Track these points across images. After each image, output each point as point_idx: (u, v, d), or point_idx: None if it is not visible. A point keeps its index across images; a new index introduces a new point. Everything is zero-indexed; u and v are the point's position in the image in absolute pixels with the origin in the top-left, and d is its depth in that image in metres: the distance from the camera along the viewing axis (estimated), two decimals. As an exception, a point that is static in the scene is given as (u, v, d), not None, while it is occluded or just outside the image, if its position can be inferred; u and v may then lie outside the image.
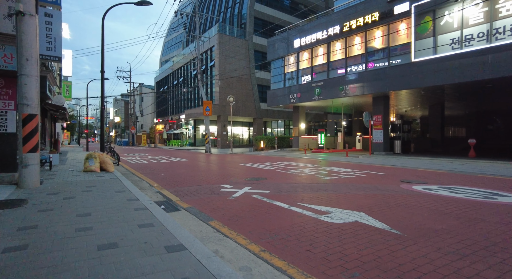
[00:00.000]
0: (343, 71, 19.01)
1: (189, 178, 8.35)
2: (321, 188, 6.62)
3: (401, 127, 18.83)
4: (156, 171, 10.32)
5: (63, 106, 12.83)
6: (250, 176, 8.52)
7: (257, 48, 32.66)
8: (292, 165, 11.95)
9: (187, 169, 10.87)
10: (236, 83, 31.01)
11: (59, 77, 21.56)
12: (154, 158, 16.66)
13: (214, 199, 5.58)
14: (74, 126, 58.70)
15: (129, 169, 10.81)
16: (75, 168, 10.04)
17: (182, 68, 39.40)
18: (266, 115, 33.22)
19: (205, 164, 12.72)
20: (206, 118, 22.70)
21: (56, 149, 17.56)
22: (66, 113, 13.73)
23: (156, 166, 12.09)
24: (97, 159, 8.96)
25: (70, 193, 5.63)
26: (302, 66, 21.98)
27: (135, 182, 7.78)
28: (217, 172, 9.69)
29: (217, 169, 10.82)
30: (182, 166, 11.79)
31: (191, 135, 36.96)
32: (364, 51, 17.77)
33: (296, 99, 21.94)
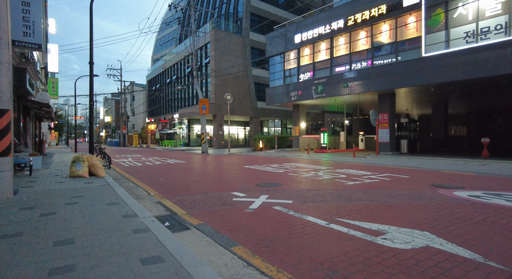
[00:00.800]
0: (347, 67, 18.17)
1: (192, 184, 7.31)
2: (352, 196, 5.67)
3: (407, 125, 18.10)
4: (153, 175, 9.23)
5: (48, 103, 11.60)
6: (261, 181, 7.52)
7: (254, 45, 31.65)
8: (301, 167, 11.00)
9: (187, 172, 9.80)
10: (232, 81, 29.94)
11: (44, 73, 20.16)
12: (148, 159, 15.51)
13: (228, 212, 4.58)
14: (62, 126, 56.69)
15: (122, 173, 9.69)
16: (61, 172, 8.87)
17: (176, 65, 38.11)
18: (263, 114, 32.26)
19: (205, 166, 11.66)
20: (203, 117, 21.60)
21: (41, 151, 16.25)
22: (52, 111, 12.50)
23: (151, 169, 10.98)
24: (86, 162, 7.83)
25: (49, 207, 4.53)
26: (303, 62, 21.07)
27: (130, 189, 6.69)
28: (222, 176, 8.66)
29: (220, 172, 9.78)
30: (180, 169, 10.71)
31: (185, 135, 35.74)
32: (370, 46, 16.95)
33: (296, 97, 21.03)
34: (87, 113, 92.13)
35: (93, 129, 8.51)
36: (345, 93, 18.04)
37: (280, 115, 34.13)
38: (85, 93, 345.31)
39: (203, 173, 9.44)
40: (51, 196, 5.40)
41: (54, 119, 18.36)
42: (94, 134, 9.17)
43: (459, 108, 25.42)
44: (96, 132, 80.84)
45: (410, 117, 18.47)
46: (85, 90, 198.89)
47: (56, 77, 19.59)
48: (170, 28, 46.53)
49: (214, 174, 9.27)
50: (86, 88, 64.74)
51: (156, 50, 51.08)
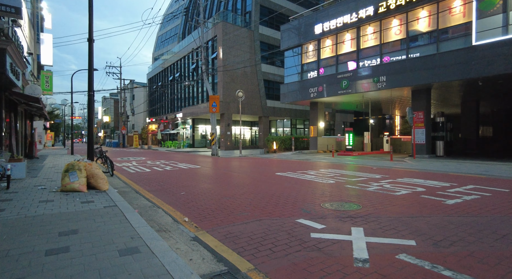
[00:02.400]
0: (377, 60, 16.25)
1: (228, 202, 5.34)
2: (495, 229, 3.71)
3: (444, 125, 16.19)
4: (169, 185, 7.24)
5: (38, 98, 9.59)
6: (322, 198, 5.58)
7: (263, 40, 29.70)
8: (347, 175, 9.06)
9: (211, 182, 7.82)
10: (241, 77, 27.97)
11: (37, 66, 18.10)
12: (155, 163, 13.51)
13: (327, 269, 2.62)
14: (59, 126, 54.49)
15: (129, 183, 7.69)
16: (50, 183, 6.88)
17: (179, 62, 36.10)
18: (273, 113, 30.30)
19: (228, 173, 9.68)
20: (213, 116, 19.63)
21: (31, 154, 14.22)
22: (43, 107, 10.49)
23: (163, 176, 8.99)
24: (83, 172, 5.84)
25: (17, 263, 2.56)
26: (324, 55, 19.14)
27: (146, 211, 4.72)
28: (261, 189, 6.69)
29: (254, 182, 7.81)
30: (200, 177, 8.73)
31: (189, 135, 33.74)
32: (405, 35, 15.04)
33: (316, 93, 19.09)
34: (84, 113, 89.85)
35: (93, 127, 6.55)
36: (374, 88, 16.12)
37: (290, 115, 32.20)
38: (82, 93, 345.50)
39: (233, 184, 7.46)
40: (26, 232, 3.41)
41: (47, 117, 16.33)
42: (93, 134, 7.01)
43: (488, 107, 23.57)
44: (94, 132, 78.74)
45: (445, 116, 16.57)
46: (83, 87, 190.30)
47: (50, 71, 17.58)
48: (172, 24, 44.50)
49: (248, 184, 7.30)
50: (84, 86, 64.82)
51: (157, 47, 49.03)
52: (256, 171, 10.04)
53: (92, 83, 6.26)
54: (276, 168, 10.97)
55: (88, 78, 6.25)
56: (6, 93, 9.17)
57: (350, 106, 23.82)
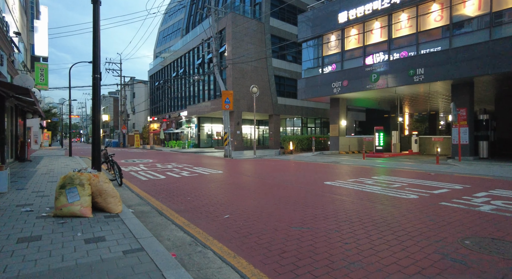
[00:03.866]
0: (413, 50, 14.49)
1: (311, 238, 3.53)
2: None
3: (488, 123, 14.46)
4: (200, 202, 5.44)
5: (29, 89, 7.74)
6: (451, 231, 3.80)
7: (274, 33, 27.87)
8: (416, 184, 7.28)
9: (253, 196, 6.02)
10: (251, 73, 26.15)
11: (31, 57, 16.23)
12: (166, 167, 11.69)
13: None
14: (56, 125, 52.51)
15: (146, 198, 5.87)
16: (41, 201, 5.07)
17: (183, 57, 34.24)
18: (284, 111, 28.50)
19: (264, 182, 7.88)
20: (225, 113, 17.82)
21: (23, 156, 12.39)
22: (35, 101, 8.67)
23: (186, 186, 7.18)
24: (86, 188, 4.04)
25: None
26: (348, 46, 17.36)
27: (191, 257, 2.92)
28: (333, 210, 4.90)
29: (309, 197, 6.02)
30: (233, 188, 6.93)
31: (194, 135, 31.90)
32: (448, 21, 13.28)
33: (340, 88, 17.31)
34: (83, 112, 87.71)
35: (100, 122, 4.71)
36: (409, 82, 14.36)
37: (302, 113, 30.42)
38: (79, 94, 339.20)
39: (284, 199, 5.67)
40: None
41: (42, 114, 14.49)
42: (100, 131, 4.99)
43: None
44: (92, 131, 76.54)
45: (489, 113, 14.85)
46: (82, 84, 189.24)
47: (46, 63, 15.72)
48: (174, 18, 42.60)
49: (306, 201, 5.50)
50: (82, 84, 62.16)
51: (159, 43, 47.08)
52: (295, 180, 8.25)
53: (98, 61, 4.46)
54: (314, 174, 9.19)
55: (93, 54, 4.44)
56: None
57: (369, 103, 22.06)
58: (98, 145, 4.73)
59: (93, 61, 4.56)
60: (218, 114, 28.77)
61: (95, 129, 4.73)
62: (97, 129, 4.75)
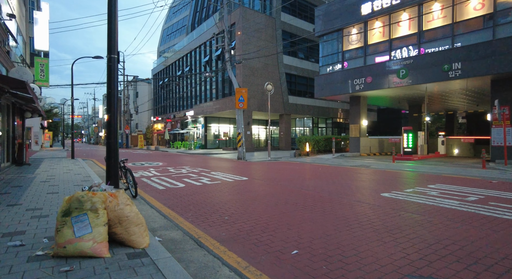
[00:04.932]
0: (447, 43, 13.24)
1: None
2: None
3: (530, 123, 13.15)
4: (243, 223, 4.20)
5: (25, 83, 6.52)
6: None
7: (286, 28, 26.62)
8: (495, 197, 6.04)
9: (314, 217, 4.77)
10: (261, 70, 24.92)
11: (30, 51, 15.02)
12: (180, 171, 10.44)
13: None
14: (58, 125, 51.35)
15: (170, 216, 4.62)
16: (38, 223, 3.84)
17: (189, 55, 33.04)
18: (295, 110, 27.23)
19: (304, 193, 6.63)
20: (239, 112, 16.58)
21: (21, 159, 11.17)
22: (34, 97, 7.43)
23: (215, 199, 5.94)
24: (101, 214, 2.79)
25: None
26: (372, 40, 16.11)
27: None
28: (427, 238, 3.66)
29: (378, 215, 4.78)
30: (271, 200, 5.68)
31: (201, 135, 30.66)
32: (491, 9, 12.02)
33: (363, 85, 16.05)
34: (84, 112, 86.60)
35: (117, 116, 3.43)
36: (443, 78, 13.12)
37: (313, 112, 29.16)
38: (83, 87, 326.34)
39: (354, 221, 4.42)
40: None
41: (42, 113, 13.29)
42: (118, 124, 3.42)
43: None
44: (94, 132, 75.34)
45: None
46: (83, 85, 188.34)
47: (46, 58, 14.53)
48: (179, 15, 41.39)
49: (388, 224, 4.26)
50: (84, 81, 60.53)
51: (163, 41, 45.86)
52: (344, 191, 7.00)
53: (115, 38, 3.25)
54: (357, 183, 7.95)
55: (108, 30, 3.24)
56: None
57: (384, 101, 20.79)
58: (115, 150, 3.47)
59: (109, 37, 3.34)
60: (226, 114, 27.56)
61: (111, 129, 3.47)
62: (114, 128, 3.50)
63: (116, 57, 3.39)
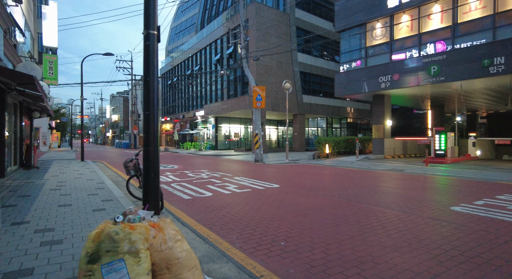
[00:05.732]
0: (486, 36, 12.17)
1: None
2: None
3: None
4: (316, 256, 3.29)
5: (33, 77, 5.70)
6: None
7: (300, 25, 25.65)
8: None
9: (389, 242, 3.84)
10: (275, 68, 24.00)
11: (38, 47, 14.30)
12: (200, 176, 9.56)
13: None
14: (65, 125, 51.02)
15: (215, 241, 3.73)
16: (49, 248, 2.96)
17: (198, 54, 32.25)
18: (309, 110, 26.25)
19: (361, 207, 5.69)
20: (256, 112, 15.69)
21: (29, 162, 10.41)
22: (43, 95, 6.62)
23: (256, 214, 5.04)
24: (143, 256, 1.90)
25: None
26: (399, 35, 15.09)
27: None
28: None
29: (469, 242, 3.84)
30: (334, 222, 4.76)
31: (211, 136, 29.84)
32: (539, -1, 10.94)
33: (389, 83, 15.04)
34: (91, 112, 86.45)
35: (157, 109, 2.56)
36: (483, 74, 12.05)
37: (327, 112, 28.14)
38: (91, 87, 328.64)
39: (455, 252, 3.49)
40: None
41: (51, 112, 12.54)
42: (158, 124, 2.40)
43: None
44: (102, 132, 75.13)
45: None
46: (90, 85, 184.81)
47: (55, 55, 13.81)
48: (187, 14, 40.66)
49: (499, 254, 3.32)
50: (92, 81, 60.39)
51: (171, 40, 45.19)
52: (403, 202, 6.06)
53: (154, 9, 2.36)
54: (408, 192, 7.00)
55: (145, 1, 2.36)
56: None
57: (402, 100, 19.68)
58: (155, 161, 2.52)
59: (146, 8, 2.45)
60: (237, 114, 26.70)
61: (150, 131, 2.56)
62: (154, 130, 2.59)
63: (156, 33, 2.50)
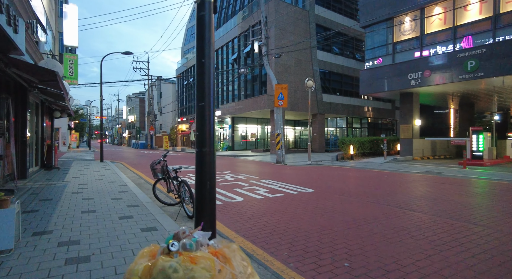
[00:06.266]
0: (533, 27, 11.18)
1: None
2: None
3: None
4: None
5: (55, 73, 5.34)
6: None
7: (320, 22, 24.90)
8: None
9: (483, 266, 3.20)
10: (294, 67, 23.35)
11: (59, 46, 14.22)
12: (225, 178, 9.06)
13: None
14: (83, 126, 51.96)
15: (263, 259, 3.19)
16: (76, 268, 2.48)
17: (214, 53, 31.92)
18: (329, 110, 25.44)
19: (419, 217, 5.04)
20: (278, 111, 15.10)
21: (50, 163, 10.20)
22: (64, 93, 6.27)
23: (301, 224, 4.47)
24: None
25: None
26: (431, 28, 14.18)
27: None
28: None
29: None
30: (392, 231, 4.13)
31: (228, 136, 29.46)
32: None
33: (420, 80, 14.15)
34: (108, 113, 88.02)
35: (212, 97, 2.03)
36: (528, 69, 11.05)
37: (348, 112, 27.23)
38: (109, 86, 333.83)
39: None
40: None
41: (71, 112, 12.37)
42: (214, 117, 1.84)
43: None
44: (118, 133, 76.27)
45: None
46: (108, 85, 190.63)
47: (75, 54, 13.68)
48: (203, 14, 40.48)
49: None
50: (105, 87, 60.48)
51: (187, 40, 45.21)
52: (458, 210, 5.36)
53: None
54: (453, 196, 6.26)
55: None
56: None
57: (435, 99, 18.60)
58: (211, 167, 1.94)
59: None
60: (254, 114, 26.16)
61: (205, 129, 2.03)
62: (210, 128, 2.07)
63: (213, 1, 1.99)
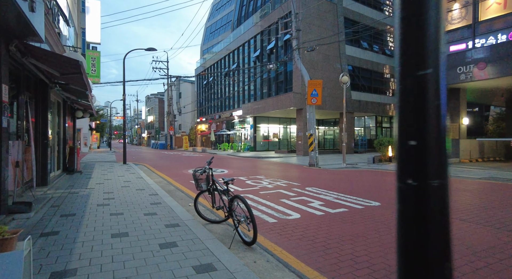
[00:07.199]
0: None
1: None
2: None
3: None
4: None
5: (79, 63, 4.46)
6: None
7: (348, 15, 23.51)
8: None
9: None
10: (322, 63, 22.08)
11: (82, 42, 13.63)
12: (262, 184, 8.01)
13: None
14: (104, 126, 52.47)
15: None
16: None
17: (236, 51, 31.09)
18: (358, 108, 23.99)
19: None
20: (311, 109, 13.93)
21: (72, 165, 9.49)
22: (88, 87, 5.39)
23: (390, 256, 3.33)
24: None
25: None
26: (486, 15, 12.63)
27: None
28: None
29: None
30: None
31: (249, 136, 28.49)
32: None
33: (471, 74, 12.60)
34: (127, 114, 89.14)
35: None
36: None
37: (377, 110, 25.67)
38: (132, 85, 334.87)
39: None
40: None
41: (94, 111, 11.70)
42: None
43: None
44: (137, 133, 77.02)
45: None
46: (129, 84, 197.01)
47: (98, 51, 13.07)
48: (222, 12, 39.80)
49: None
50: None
51: (206, 39, 44.63)
52: None
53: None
54: None
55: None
56: (12, 47, 4.11)
57: (482, 96, 16.88)
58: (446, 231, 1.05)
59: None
60: (277, 113, 25.06)
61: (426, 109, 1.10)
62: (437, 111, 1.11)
63: None
